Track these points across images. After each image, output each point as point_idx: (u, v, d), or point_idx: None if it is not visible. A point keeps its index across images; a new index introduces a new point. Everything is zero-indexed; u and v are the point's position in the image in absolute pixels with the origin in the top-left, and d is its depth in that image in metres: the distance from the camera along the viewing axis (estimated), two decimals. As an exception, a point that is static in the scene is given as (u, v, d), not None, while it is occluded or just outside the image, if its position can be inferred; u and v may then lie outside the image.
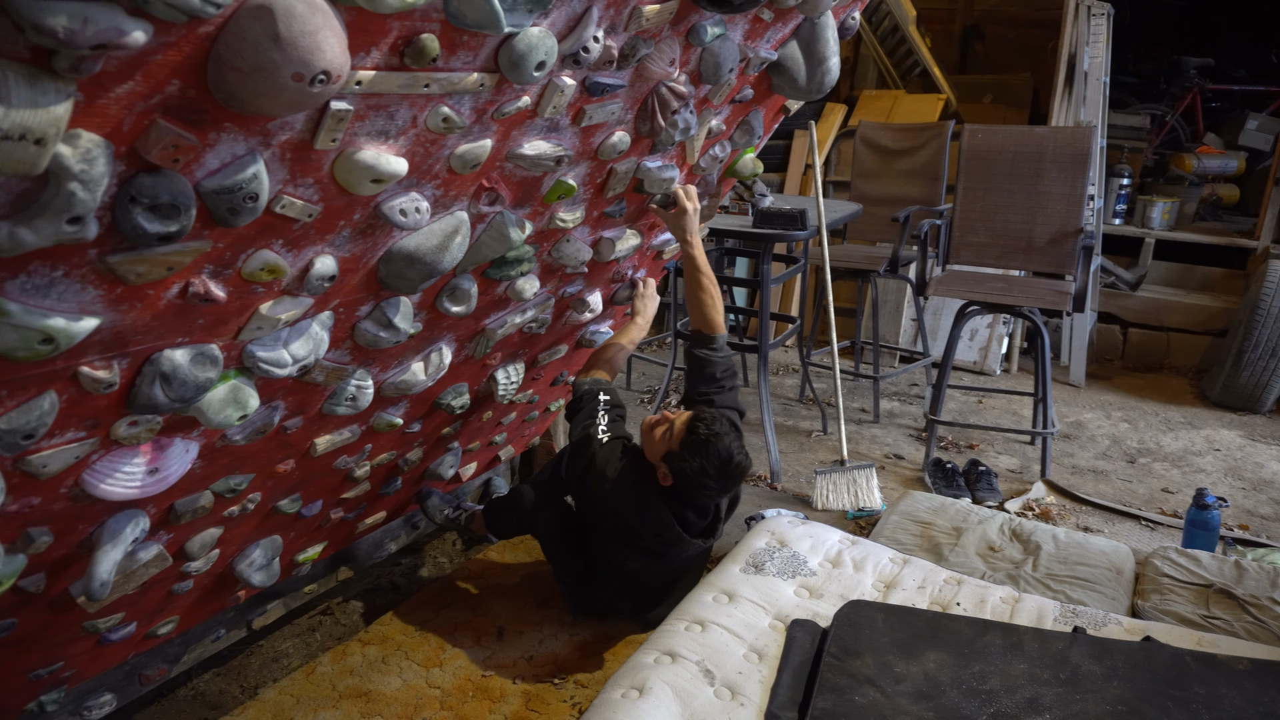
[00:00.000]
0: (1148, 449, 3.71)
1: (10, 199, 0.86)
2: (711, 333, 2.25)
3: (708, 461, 1.98)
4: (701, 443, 1.99)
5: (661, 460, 2.05)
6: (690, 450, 1.99)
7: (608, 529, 2.19)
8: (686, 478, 2.00)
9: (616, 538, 2.18)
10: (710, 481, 2.00)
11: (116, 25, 0.77)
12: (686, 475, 2.00)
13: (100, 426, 1.24)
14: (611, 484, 2.10)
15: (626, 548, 2.18)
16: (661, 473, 2.06)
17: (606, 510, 2.15)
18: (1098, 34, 4.07)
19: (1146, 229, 4.81)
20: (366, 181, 1.19)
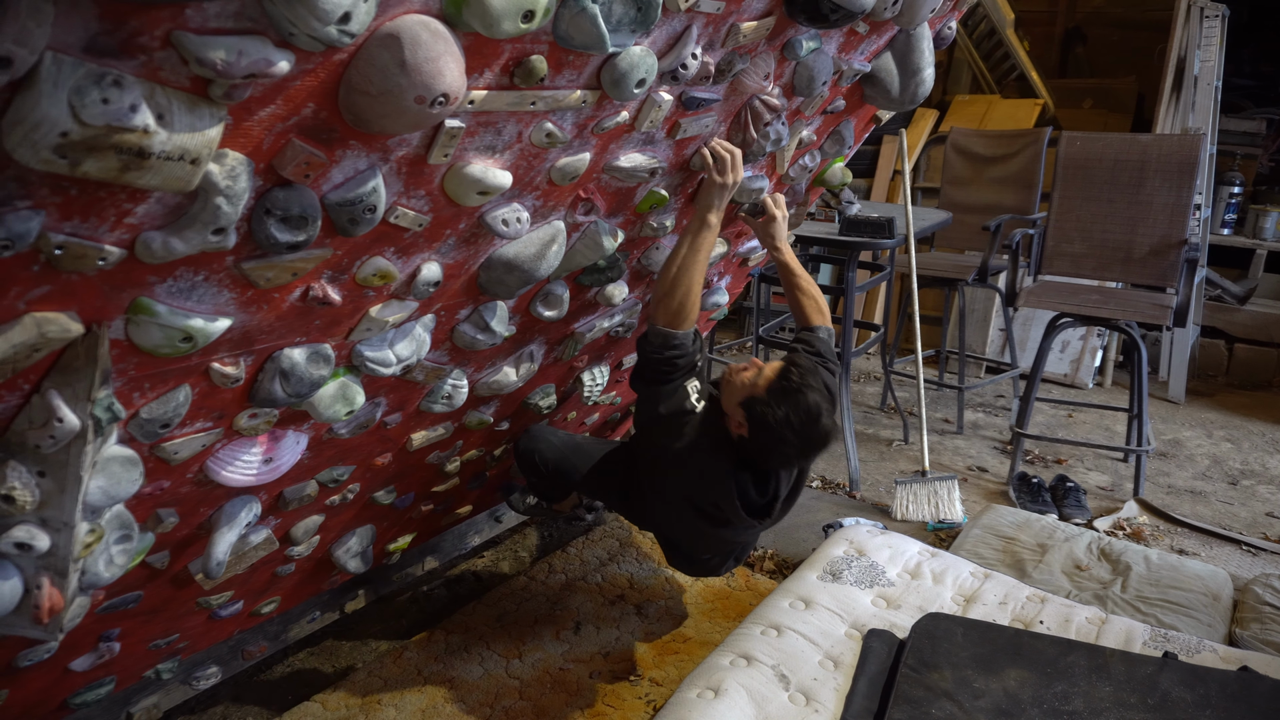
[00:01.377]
0: (1252, 470, 3.55)
1: (164, 212, 0.95)
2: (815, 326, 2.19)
3: (794, 412, 1.74)
4: (792, 390, 1.75)
5: (739, 406, 1.81)
6: (776, 396, 1.76)
7: (660, 486, 2.01)
8: (765, 428, 1.76)
9: (665, 497, 2.01)
10: (790, 436, 1.76)
11: (266, 56, 0.84)
12: (766, 425, 1.76)
13: (225, 418, 1.34)
14: (685, 440, 1.85)
15: (674, 511, 2.01)
16: (736, 420, 1.82)
17: (667, 465, 1.92)
18: (1210, 36, 3.90)
19: (1258, 240, 4.59)
20: (473, 193, 1.25)
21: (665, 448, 1.88)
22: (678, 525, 2.07)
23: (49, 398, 1.03)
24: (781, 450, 1.80)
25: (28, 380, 1.03)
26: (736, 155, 1.73)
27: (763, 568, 2.76)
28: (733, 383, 1.85)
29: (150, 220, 0.95)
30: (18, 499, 1.06)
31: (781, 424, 1.75)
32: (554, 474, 2.22)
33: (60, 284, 0.95)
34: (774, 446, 1.79)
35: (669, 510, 2.04)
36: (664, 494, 2.00)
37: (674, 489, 1.95)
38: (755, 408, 1.77)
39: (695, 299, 1.82)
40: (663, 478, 1.97)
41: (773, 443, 1.78)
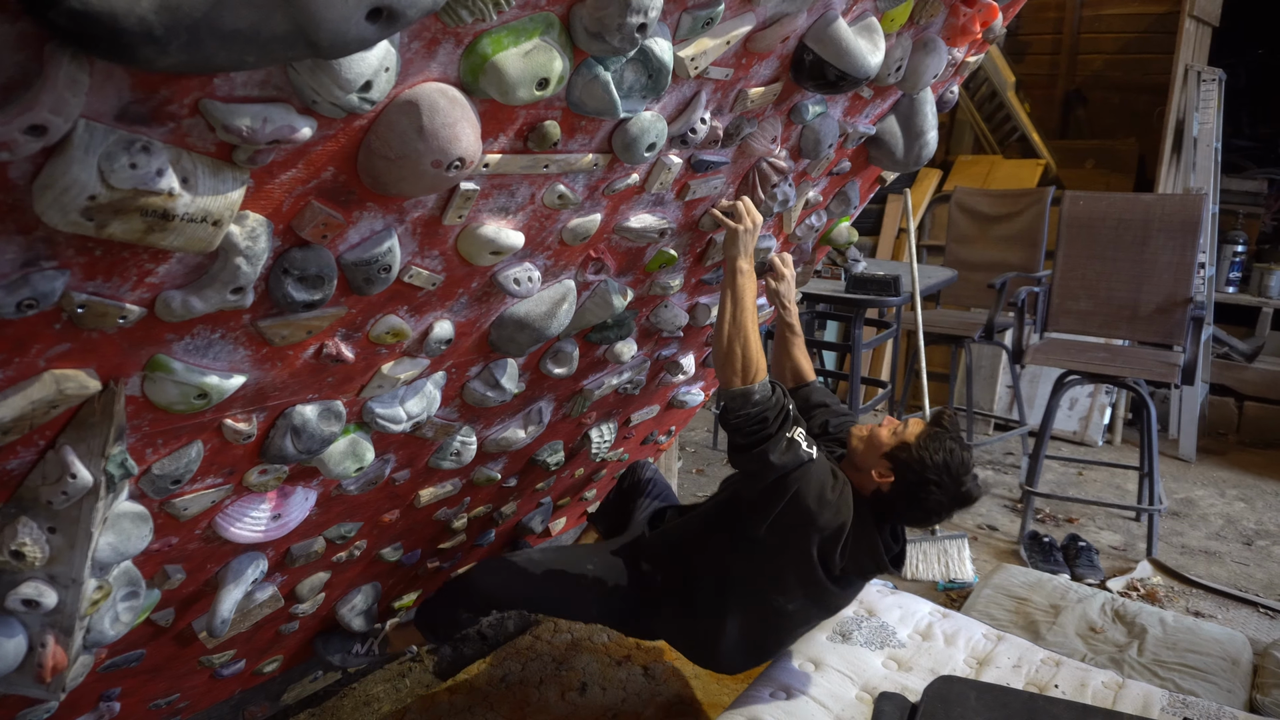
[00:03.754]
0: (1267, 531, 3.50)
1: (185, 271, 0.97)
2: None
3: (950, 458, 1.73)
4: (948, 438, 1.75)
5: (884, 457, 1.78)
6: (932, 442, 1.74)
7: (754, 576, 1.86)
8: (917, 474, 1.73)
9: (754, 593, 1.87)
10: (947, 481, 1.73)
11: (290, 123, 0.87)
12: (920, 469, 1.73)
13: (235, 474, 1.35)
14: (833, 504, 1.73)
15: (772, 597, 1.87)
16: (878, 471, 1.78)
17: (805, 537, 1.76)
18: (1208, 100, 3.97)
19: (1264, 298, 4.60)
20: (486, 253, 1.27)
21: (798, 500, 1.71)
22: (770, 613, 1.91)
23: (64, 454, 1.03)
24: (930, 498, 1.75)
25: (43, 436, 1.04)
26: (745, 200, 1.72)
27: (771, 628, 2.71)
28: (873, 437, 1.83)
29: (171, 279, 0.97)
30: (28, 555, 1.06)
31: (939, 469, 1.72)
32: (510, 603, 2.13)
33: (80, 341, 0.96)
34: (923, 494, 1.75)
35: (769, 597, 1.88)
36: (777, 576, 1.85)
37: (795, 561, 1.80)
38: (908, 452, 1.75)
39: (756, 347, 1.73)
40: (782, 551, 1.81)
41: (922, 489, 1.74)
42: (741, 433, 1.70)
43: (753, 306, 1.74)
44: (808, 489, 1.69)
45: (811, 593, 1.86)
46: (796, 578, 1.83)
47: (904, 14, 1.57)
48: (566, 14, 1.04)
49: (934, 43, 1.71)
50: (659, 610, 2.01)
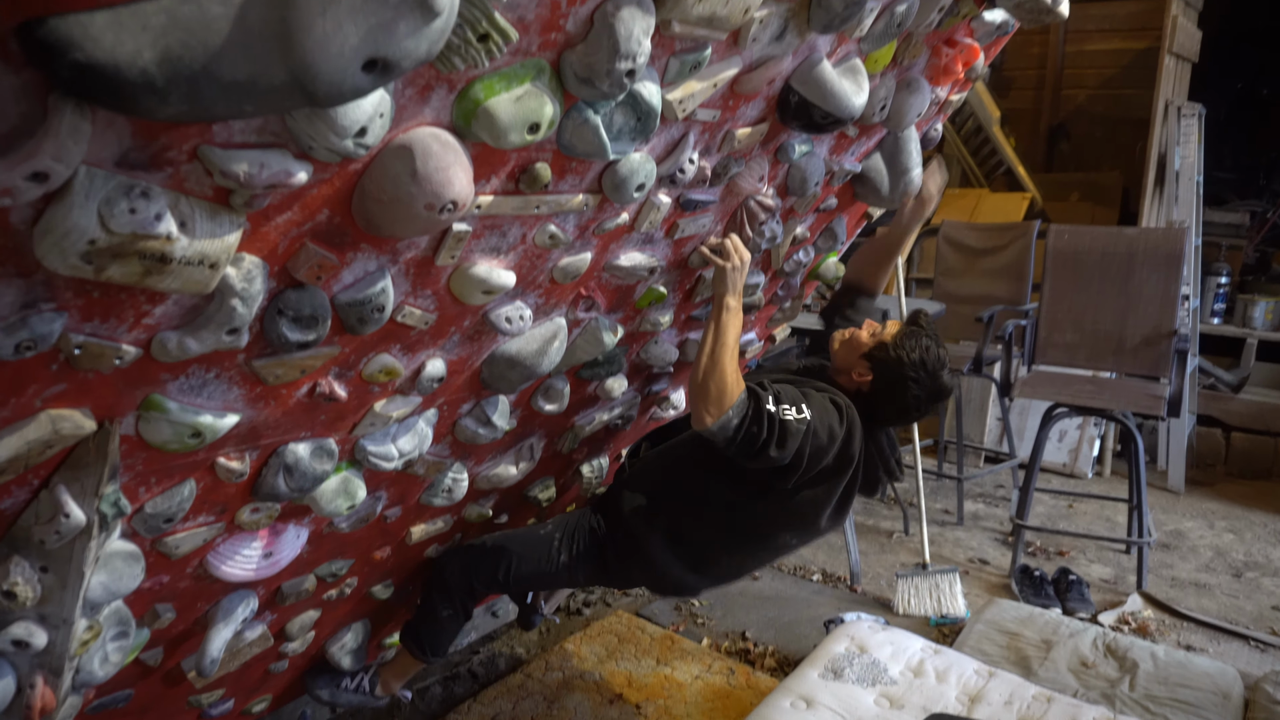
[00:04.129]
0: (1256, 562, 3.51)
1: (181, 312, 0.98)
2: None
3: (925, 355, 1.78)
4: (923, 335, 1.81)
5: (862, 358, 1.85)
6: (908, 340, 1.80)
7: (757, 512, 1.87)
8: (894, 371, 1.79)
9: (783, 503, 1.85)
10: (923, 377, 1.78)
11: (286, 168, 0.89)
12: (896, 366, 1.78)
13: (227, 512, 1.35)
14: (844, 438, 1.75)
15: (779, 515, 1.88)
16: (857, 372, 1.85)
17: (824, 471, 1.77)
18: (1188, 134, 4.05)
19: (1249, 329, 4.65)
20: (478, 293, 1.29)
21: (820, 449, 1.72)
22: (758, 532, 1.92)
23: (57, 493, 1.04)
24: (907, 394, 1.80)
25: (37, 476, 1.04)
26: (734, 238, 1.74)
27: (763, 665, 2.70)
28: (852, 339, 1.90)
29: (167, 320, 0.98)
30: (19, 595, 1.06)
31: (916, 365, 1.78)
32: (491, 580, 1.97)
33: (76, 382, 0.97)
34: (900, 391, 1.80)
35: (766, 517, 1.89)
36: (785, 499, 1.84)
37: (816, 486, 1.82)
38: (884, 352, 1.82)
39: (733, 380, 1.68)
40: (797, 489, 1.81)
41: (900, 386, 1.80)
42: (738, 451, 1.68)
43: (734, 344, 1.73)
44: (820, 441, 1.72)
45: (809, 528, 1.92)
46: (802, 517, 1.89)
47: (887, 55, 1.61)
48: (557, 59, 1.06)
49: (917, 82, 1.75)
50: (638, 547, 1.94)
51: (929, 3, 1.52)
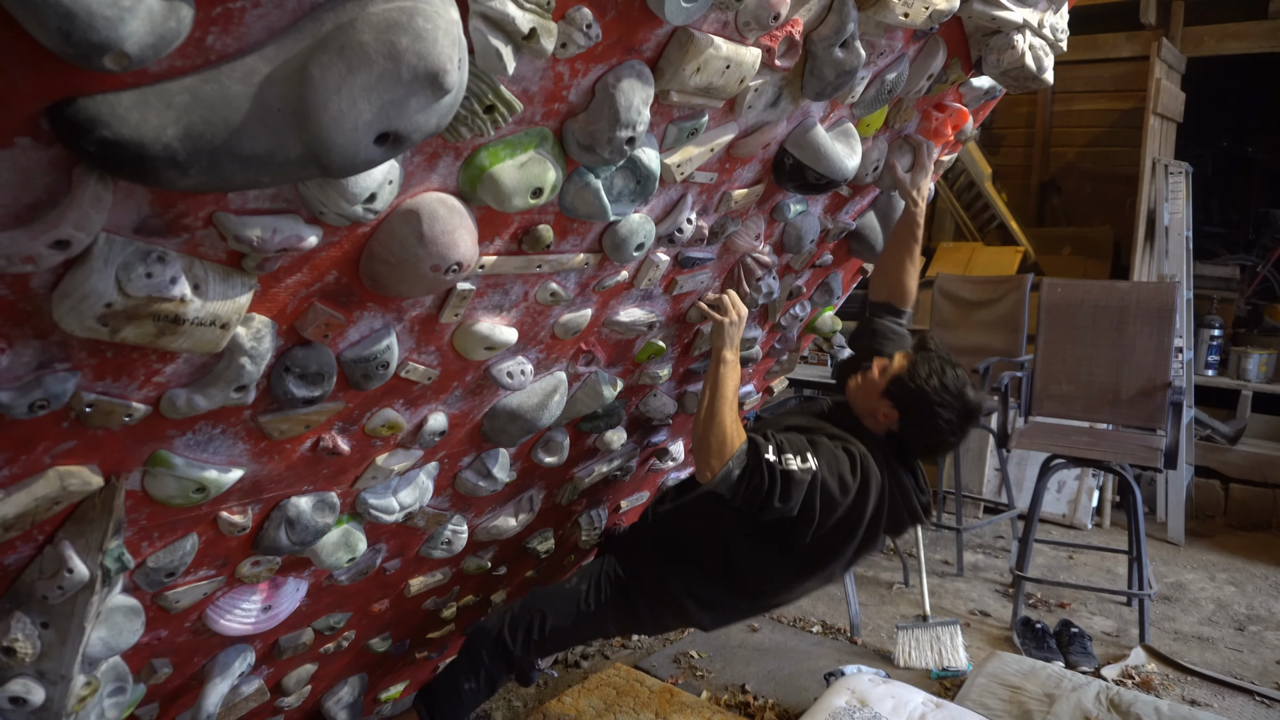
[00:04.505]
0: (1258, 616, 3.49)
1: (190, 370, 1.00)
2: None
3: (945, 375, 1.73)
4: (938, 359, 1.76)
5: (883, 396, 1.78)
6: (922, 366, 1.74)
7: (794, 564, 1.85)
8: (920, 402, 1.72)
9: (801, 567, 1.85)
10: (949, 398, 1.72)
11: (297, 233, 0.92)
12: (921, 398, 1.71)
13: (228, 565, 1.36)
14: (859, 486, 1.72)
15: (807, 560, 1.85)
16: (882, 413, 1.79)
17: (843, 520, 1.75)
18: (1176, 191, 4.13)
19: (1242, 380, 4.68)
20: (481, 349, 1.32)
21: (829, 501, 1.71)
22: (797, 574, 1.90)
23: (61, 549, 1.05)
24: (938, 421, 1.74)
25: (42, 531, 1.06)
26: (731, 294, 1.77)
27: (763, 718, 2.67)
28: (865, 382, 1.83)
29: (176, 378, 1.00)
30: (19, 651, 1.07)
31: (939, 390, 1.72)
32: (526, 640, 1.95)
33: (85, 439, 0.99)
34: (930, 421, 1.74)
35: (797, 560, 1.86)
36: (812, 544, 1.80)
37: (835, 532, 1.78)
38: (902, 386, 1.75)
39: (731, 431, 1.69)
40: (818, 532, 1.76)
41: (929, 416, 1.73)
42: (744, 503, 1.70)
43: (733, 396, 1.76)
44: (830, 491, 1.69)
45: (830, 574, 1.90)
46: (822, 564, 1.87)
47: (879, 120, 1.67)
48: (559, 128, 1.11)
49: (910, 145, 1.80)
50: (664, 594, 1.94)
51: (919, 70, 1.58)
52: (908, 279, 2.04)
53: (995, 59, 1.61)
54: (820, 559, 1.87)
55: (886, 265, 2.06)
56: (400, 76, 0.75)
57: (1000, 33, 1.60)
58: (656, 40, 1.10)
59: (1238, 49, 4.34)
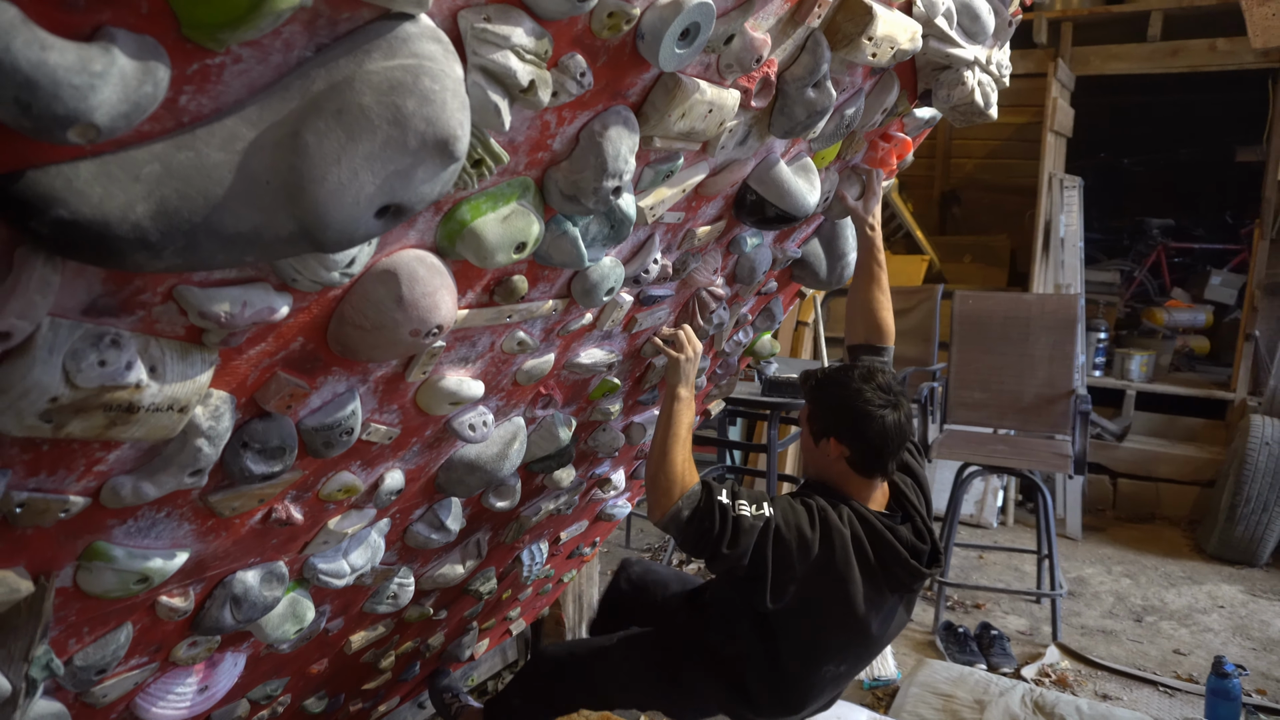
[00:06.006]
0: (1153, 606, 3.71)
1: (137, 456, 0.89)
2: None
3: (843, 382, 1.71)
4: (824, 374, 1.77)
5: (824, 438, 1.73)
6: (822, 387, 1.75)
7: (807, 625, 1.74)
8: (846, 415, 1.68)
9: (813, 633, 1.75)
10: (869, 391, 1.68)
11: (270, 304, 0.82)
12: (846, 410, 1.68)
13: (163, 650, 1.22)
14: (820, 539, 1.64)
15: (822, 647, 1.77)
16: (832, 454, 1.72)
17: (814, 580, 1.65)
18: (1071, 203, 4.34)
19: (1126, 381, 4.97)
20: (446, 404, 1.23)
21: (802, 558, 1.63)
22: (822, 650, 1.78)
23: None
24: (872, 423, 1.67)
25: (-45, 642, 0.92)
26: (687, 330, 1.73)
27: (707, 744, 2.65)
28: (804, 445, 1.81)
29: (120, 465, 0.88)
30: (-71, 781, 0.92)
31: (856, 392, 1.69)
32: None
33: (12, 539, 0.86)
34: (866, 425, 1.67)
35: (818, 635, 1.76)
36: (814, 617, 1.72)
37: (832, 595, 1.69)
38: (826, 414, 1.72)
39: (682, 470, 1.65)
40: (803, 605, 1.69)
41: (863, 421, 1.67)
42: (693, 547, 1.64)
43: (686, 435, 1.71)
44: (785, 542, 1.61)
45: (856, 642, 1.77)
46: (838, 633, 1.74)
47: (833, 153, 1.66)
48: (541, 176, 1.04)
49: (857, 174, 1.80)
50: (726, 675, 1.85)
51: (874, 105, 1.57)
52: (881, 311, 1.98)
53: (946, 94, 1.62)
54: (818, 634, 1.74)
55: (856, 301, 2.00)
56: (407, 144, 0.67)
57: (951, 68, 1.61)
58: (642, 85, 1.04)
59: (1121, 69, 4.59)
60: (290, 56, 0.67)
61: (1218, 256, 5.88)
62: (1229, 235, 5.98)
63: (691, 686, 1.90)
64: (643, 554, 4.14)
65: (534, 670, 2.12)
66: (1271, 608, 3.69)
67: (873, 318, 1.98)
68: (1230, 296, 5.54)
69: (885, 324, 1.99)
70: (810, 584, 1.65)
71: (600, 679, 1.98)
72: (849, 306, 2.04)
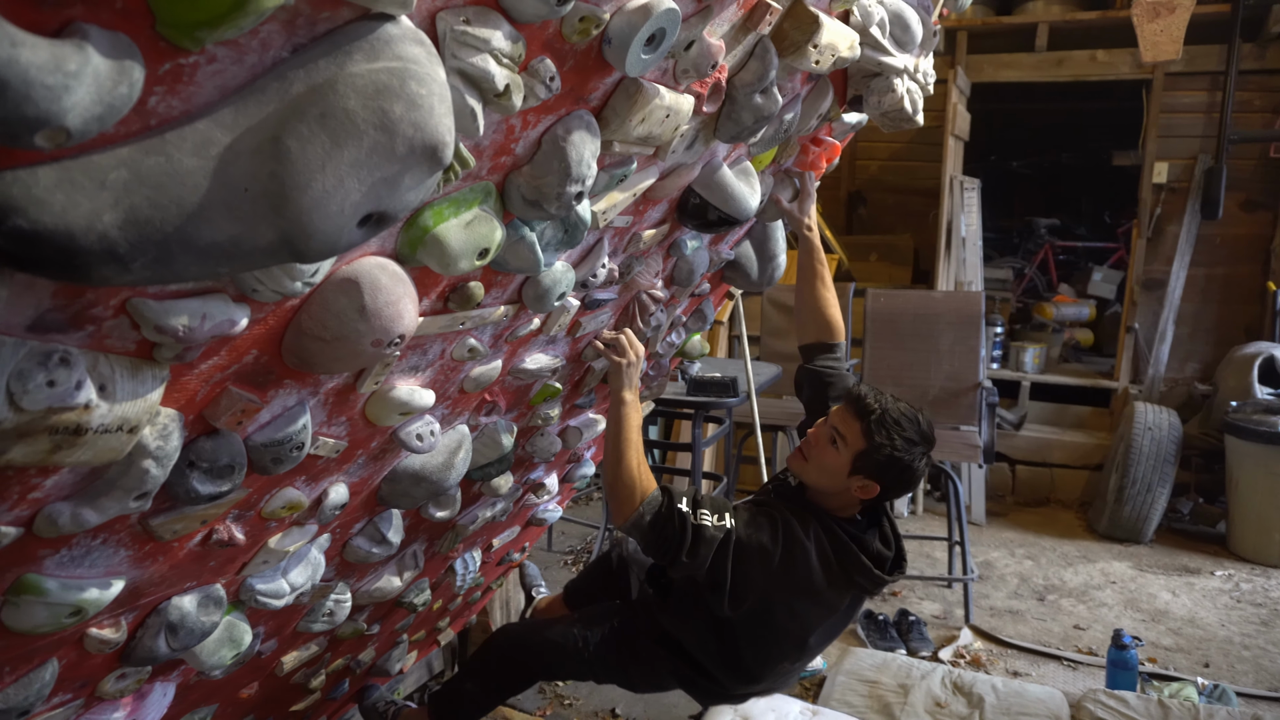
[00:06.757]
0: (1053, 585, 3.91)
1: (76, 480, 0.82)
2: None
3: (905, 424, 1.65)
4: (886, 413, 1.66)
5: (851, 475, 1.66)
6: (883, 430, 1.63)
7: (756, 628, 1.76)
8: (896, 464, 1.63)
9: (766, 638, 1.77)
10: (919, 443, 1.66)
11: (230, 317, 0.77)
12: (896, 462, 1.63)
13: (89, 685, 1.14)
14: (782, 553, 1.63)
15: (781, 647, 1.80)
16: (857, 489, 1.68)
17: (774, 592, 1.67)
18: (970, 204, 4.54)
19: (1021, 372, 5.24)
20: (395, 415, 1.19)
21: (760, 568, 1.64)
22: (777, 645, 1.81)
23: (-104, 712, 0.83)
24: (915, 473, 1.67)
25: None
26: (628, 333, 1.72)
27: (643, 744, 2.66)
28: (824, 466, 1.69)
29: (58, 491, 0.82)
30: None
31: (910, 444, 1.64)
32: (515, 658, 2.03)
33: (-65, 578, 0.79)
34: (910, 471, 1.66)
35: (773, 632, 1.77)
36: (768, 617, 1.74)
37: (786, 605, 1.71)
38: (873, 457, 1.64)
39: (638, 474, 1.64)
40: (766, 603, 1.70)
41: (908, 469, 1.66)
42: (655, 552, 1.64)
43: (637, 438, 1.70)
44: (747, 555, 1.61)
45: (814, 645, 1.84)
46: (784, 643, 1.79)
47: (770, 157, 1.68)
48: (502, 181, 1.01)
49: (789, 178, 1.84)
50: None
51: (810, 110, 1.60)
52: (828, 309, 2.00)
53: (876, 100, 1.67)
54: (780, 638, 1.77)
55: (803, 302, 2.02)
56: (395, 150, 0.65)
57: (881, 76, 1.66)
58: (604, 90, 1.03)
59: (1011, 77, 4.83)
60: (266, 57, 0.63)
61: (1099, 254, 6.26)
62: (1108, 234, 6.38)
63: (650, 664, 1.93)
64: (564, 556, 4.12)
65: (490, 653, 2.08)
66: (1157, 581, 3.95)
67: (822, 316, 2.00)
68: (1111, 291, 5.90)
69: (835, 321, 2.01)
70: (771, 595, 1.66)
71: (562, 656, 1.97)
72: (797, 308, 2.06)
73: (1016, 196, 6.94)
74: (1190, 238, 4.72)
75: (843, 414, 1.70)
